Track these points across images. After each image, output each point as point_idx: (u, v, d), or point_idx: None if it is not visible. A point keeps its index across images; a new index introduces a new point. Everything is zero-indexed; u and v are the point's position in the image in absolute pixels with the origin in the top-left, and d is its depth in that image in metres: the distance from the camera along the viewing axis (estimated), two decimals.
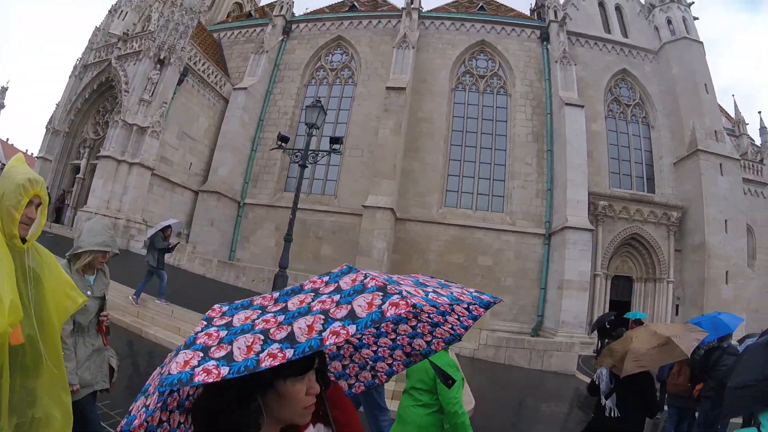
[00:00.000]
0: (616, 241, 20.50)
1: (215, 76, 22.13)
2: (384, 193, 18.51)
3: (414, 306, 1.22)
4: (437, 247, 19.42)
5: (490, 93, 22.11)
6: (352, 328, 1.07)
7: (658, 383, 6.19)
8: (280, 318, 1.08)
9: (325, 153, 12.44)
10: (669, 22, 24.40)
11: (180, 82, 19.29)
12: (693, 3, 25.45)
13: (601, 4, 25.41)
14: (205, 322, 1.10)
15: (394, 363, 1.80)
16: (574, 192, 18.48)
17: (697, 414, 5.67)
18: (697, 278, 20.99)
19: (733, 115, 31.59)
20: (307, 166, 10.83)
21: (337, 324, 1.08)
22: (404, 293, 1.20)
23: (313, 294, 1.23)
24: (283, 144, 11.20)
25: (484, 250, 19.54)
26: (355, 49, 23.66)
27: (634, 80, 24.04)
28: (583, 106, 19.94)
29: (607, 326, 14.74)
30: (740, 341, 7.74)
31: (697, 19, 25.27)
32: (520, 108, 21.67)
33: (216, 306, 1.17)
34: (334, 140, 11.28)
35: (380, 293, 1.20)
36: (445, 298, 1.34)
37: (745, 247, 23.04)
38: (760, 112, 30.27)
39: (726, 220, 21.37)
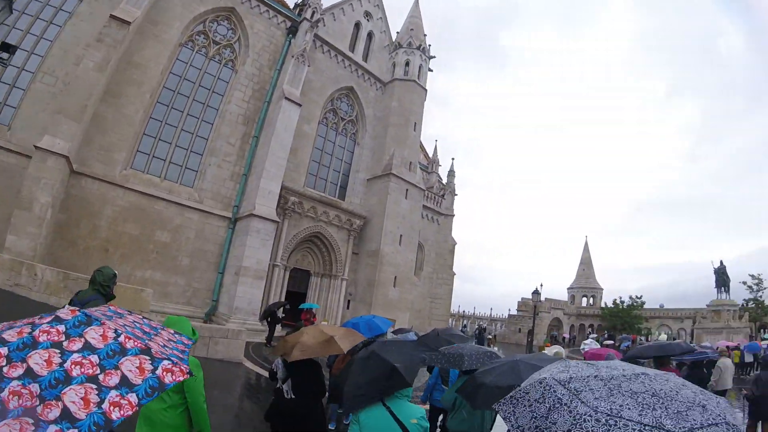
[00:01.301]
0: (299, 236, 21.90)
1: None
2: (64, 137, 15.13)
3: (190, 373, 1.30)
4: (112, 212, 17.07)
5: (217, 62, 21.03)
6: (133, 398, 1.06)
7: (328, 368, 7.24)
8: (35, 389, 0.86)
9: None
10: (407, 64, 27.80)
11: None
12: (434, 57, 29.53)
13: (357, 26, 27.37)
14: None
15: None
16: (269, 182, 18.96)
17: None
18: (369, 279, 24.14)
19: (431, 155, 38.07)
20: None
21: (114, 393, 1.04)
22: (174, 358, 1.23)
23: (58, 352, 1.11)
24: None
25: (164, 224, 18.22)
26: None
27: (356, 99, 26.58)
28: (300, 105, 20.78)
29: (279, 314, 15.50)
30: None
31: (431, 71, 29.46)
32: (241, 87, 21.29)
33: None
34: (4, 47, 8.94)
35: (147, 357, 1.24)
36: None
37: (415, 259, 27.62)
38: (453, 159, 37.20)
39: (401, 235, 25.20)
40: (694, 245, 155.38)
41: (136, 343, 1.28)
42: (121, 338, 1.28)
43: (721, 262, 42.82)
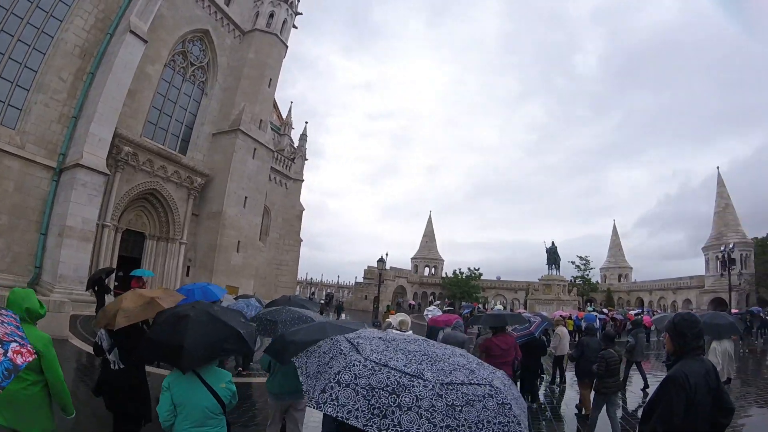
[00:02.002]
0: (133, 193, 20.31)
1: None
2: None
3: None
4: None
5: None
6: None
7: None
8: None
9: None
10: (271, 15, 26.72)
11: None
12: (301, 14, 28.81)
13: None
14: None
15: None
16: (100, 128, 17.13)
17: None
18: (210, 244, 23.44)
19: (285, 117, 37.64)
20: None
21: None
22: (18, 339, 1.33)
23: None
24: None
25: None
26: None
27: (210, 45, 24.98)
28: (146, 42, 18.88)
29: (110, 284, 13.82)
30: None
31: (296, 28, 28.77)
32: (83, 14, 18.58)
33: None
34: None
35: None
36: None
37: (260, 224, 27.32)
38: (307, 122, 37.09)
39: (246, 197, 24.86)
40: (528, 227, 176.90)
41: None
42: None
43: (553, 243, 51.08)
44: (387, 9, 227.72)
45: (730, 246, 28.87)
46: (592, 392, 7.22)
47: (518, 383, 8.38)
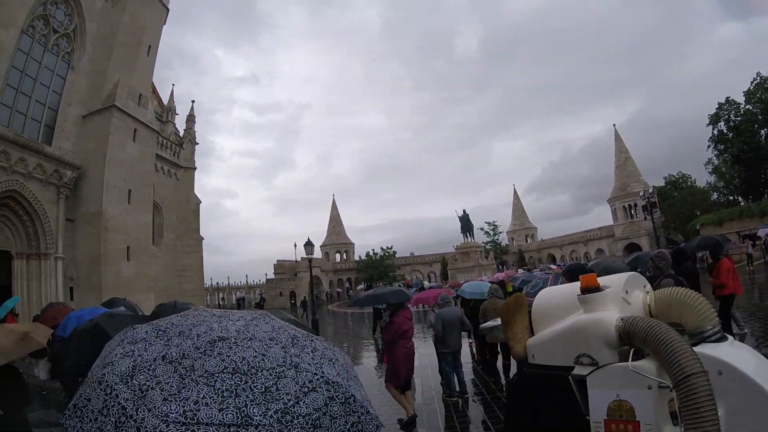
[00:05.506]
0: None
1: None
2: None
3: None
4: None
5: None
6: None
7: None
8: None
9: None
10: None
11: None
12: None
13: None
14: None
15: None
16: None
17: None
18: (93, 255, 18.72)
19: (166, 102, 32.25)
20: None
21: None
22: None
23: None
24: None
25: None
26: None
27: (77, 7, 19.76)
28: None
29: None
30: None
31: None
32: None
33: None
34: None
35: None
36: None
37: (151, 223, 22.53)
38: (193, 102, 32.12)
39: (130, 190, 20.39)
40: (423, 204, 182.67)
41: None
42: None
43: (464, 211, 51.31)
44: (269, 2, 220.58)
45: (650, 191, 29.76)
46: None
47: None
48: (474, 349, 11.15)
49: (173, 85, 41.94)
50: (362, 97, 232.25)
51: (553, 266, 32.05)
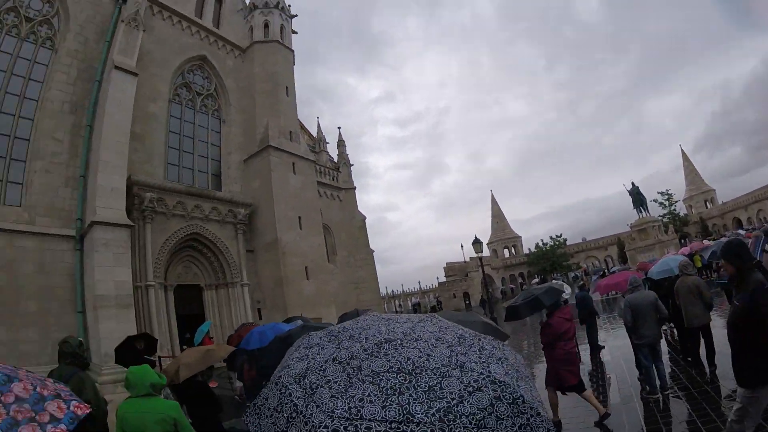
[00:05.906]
0: (171, 242, 17.62)
1: None
2: None
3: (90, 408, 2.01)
4: None
5: (32, 42, 16.26)
6: (62, 427, 1.71)
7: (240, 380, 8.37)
8: None
9: None
10: (266, 25, 24.56)
11: None
12: (296, 16, 26.56)
13: None
14: None
15: None
16: (108, 177, 14.49)
17: None
18: (275, 277, 20.62)
19: (315, 135, 35.13)
20: None
21: (50, 427, 1.64)
22: (75, 399, 1.91)
23: (1, 405, 1.65)
24: None
25: None
26: None
27: (212, 70, 22.73)
28: (136, 74, 16.50)
29: (144, 352, 10.85)
30: None
31: (296, 33, 26.49)
32: (64, 68, 16.46)
33: None
34: None
35: (60, 399, 1.88)
36: None
37: (324, 244, 24.36)
38: (340, 128, 34.48)
39: (300, 217, 22.07)
40: (585, 184, 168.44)
41: (49, 391, 1.82)
42: (38, 389, 1.79)
43: (633, 184, 44.44)
44: (383, 17, 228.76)
45: None
46: None
47: None
48: (669, 337, 9.88)
49: (318, 118, 46.18)
50: (497, 86, 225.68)
51: (741, 231, 26.81)
